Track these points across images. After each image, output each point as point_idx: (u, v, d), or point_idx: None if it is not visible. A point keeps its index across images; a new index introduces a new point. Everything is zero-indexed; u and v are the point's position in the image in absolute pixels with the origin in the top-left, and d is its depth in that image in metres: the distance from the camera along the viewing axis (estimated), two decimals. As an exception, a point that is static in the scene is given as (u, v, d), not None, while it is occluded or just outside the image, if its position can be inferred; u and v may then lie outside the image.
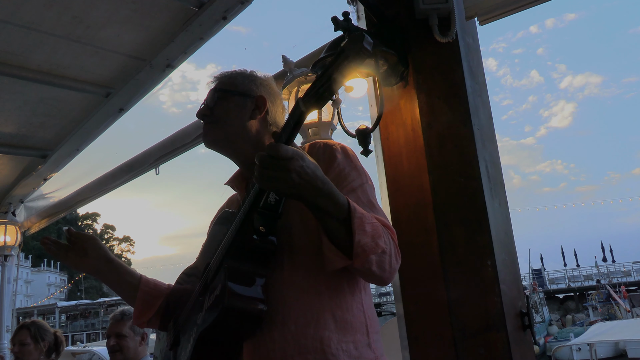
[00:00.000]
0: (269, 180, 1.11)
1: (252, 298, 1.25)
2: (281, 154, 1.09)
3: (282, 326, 1.27)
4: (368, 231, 1.21)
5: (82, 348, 17.06)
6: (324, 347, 1.25)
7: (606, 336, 13.90)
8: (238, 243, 1.29)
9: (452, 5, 2.02)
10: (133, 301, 1.65)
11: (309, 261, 1.32)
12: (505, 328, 1.87)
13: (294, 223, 1.34)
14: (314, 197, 1.15)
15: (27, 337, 3.42)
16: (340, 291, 1.33)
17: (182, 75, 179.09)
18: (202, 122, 1.53)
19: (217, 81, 1.57)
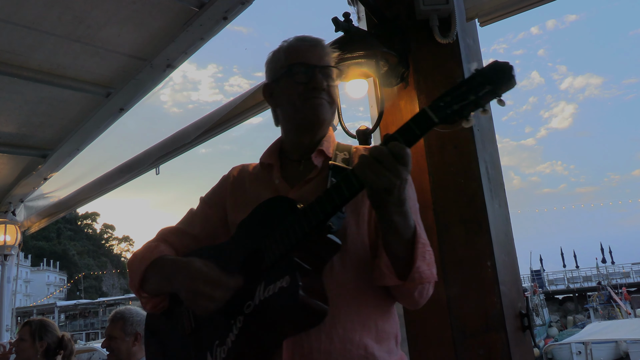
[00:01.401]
0: (376, 175, 1.09)
1: (319, 296, 1.21)
2: (406, 159, 1.10)
3: (330, 328, 1.24)
4: (427, 259, 1.24)
5: (83, 346, 16.99)
6: (367, 355, 1.25)
7: (602, 335, 13.84)
8: (310, 237, 1.22)
9: (452, 7, 2.03)
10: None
11: (358, 265, 1.30)
12: (504, 329, 1.87)
13: (350, 225, 1.32)
14: (395, 211, 1.16)
15: (26, 333, 3.39)
16: (383, 300, 1.34)
17: (183, 75, 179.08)
18: (312, 94, 1.39)
19: (332, 59, 1.46)
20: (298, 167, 1.44)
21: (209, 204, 1.56)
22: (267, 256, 1.27)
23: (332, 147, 1.44)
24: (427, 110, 1.10)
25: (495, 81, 1.06)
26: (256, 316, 1.23)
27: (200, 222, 1.54)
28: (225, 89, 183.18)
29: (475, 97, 1.06)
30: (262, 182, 1.47)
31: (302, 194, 1.35)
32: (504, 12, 2.24)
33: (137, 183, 6.17)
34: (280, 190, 1.40)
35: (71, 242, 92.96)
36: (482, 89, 1.06)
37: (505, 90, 1.06)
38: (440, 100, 1.10)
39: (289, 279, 1.19)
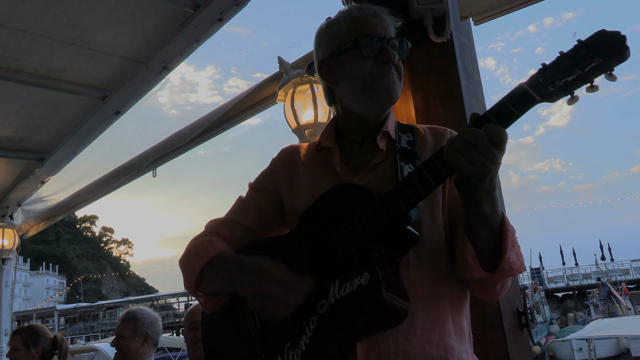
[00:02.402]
0: (470, 161, 0.99)
1: (401, 293, 1.10)
2: (503, 144, 1.00)
3: (408, 328, 1.15)
4: (516, 248, 1.14)
5: (83, 345, 16.89)
6: (447, 355, 1.17)
7: (604, 332, 13.85)
8: (389, 230, 1.12)
9: (446, 6, 2.03)
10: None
11: (434, 258, 1.21)
12: (502, 327, 1.87)
13: (424, 215, 1.21)
14: (484, 199, 1.06)
15: (19, 342, 3.34)
16: (459, 296, 1.25)
17: (181, 77, 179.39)
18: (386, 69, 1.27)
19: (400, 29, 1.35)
20: (359, 150, 1.32)
21: (260, 191, 1.42)
22: (340, 250, 1.16)
23: (394, 129, 1.33)
24: (526, 88, 1.00)
25: (605, 53, 0.95)
26: (332, 316, 1.12)
27: (252, 212, 1.40)
28: (224, 90, 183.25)
29: (582, 72, 0.96)
30: (320, 168, 1.34)
31: (369, 181, 1.24)
32: (498, 10, 2.24)
33: (135, 185, 6.18)
34: (343, 177, 1.28)
35: (70, 245, 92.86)
36: (589, 63, 0.96)
37: (617, 63, 0.95)
38: (540, 76, 1.00)
39: (369, 276, 1.08)
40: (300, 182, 1.36)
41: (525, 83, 1.01)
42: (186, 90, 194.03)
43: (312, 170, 1.35)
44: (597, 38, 0.96)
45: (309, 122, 2.69)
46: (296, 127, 2.72)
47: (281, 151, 1.46)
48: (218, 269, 1.28)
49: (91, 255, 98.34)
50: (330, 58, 1.33)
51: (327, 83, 1.37)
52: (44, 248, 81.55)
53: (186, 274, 1.34)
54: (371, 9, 1.32)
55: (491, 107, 1.04)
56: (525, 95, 1.00)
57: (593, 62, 0.95)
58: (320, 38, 1.37)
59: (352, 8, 1.34)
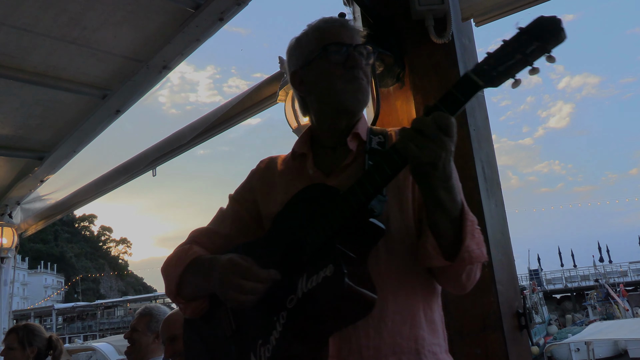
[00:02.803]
0: (420, 148, 1.03)
1: (367, 284, 1.13)
2: (450, 129, 1.04)
3: (378, 321, 1.18)
4: (476, 237, 1.17)
5: (81, 345, 16.81)
6: (418, 347, 1.19)
7: (603, 335, 13.87)
8: (352, 223, 1.15)
9: (448, 7, 2.03)
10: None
11: (404, 252, 1.24)
12: (501, 328, 1.87)
13: (393, 210, 1.25)
14: (440, 186, 1.10)
15: (14, 341, 3.31)
16: (430, 289, 1.27)
17: (181, 77, 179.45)
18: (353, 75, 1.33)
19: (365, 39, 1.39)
20: (332, 154, 1.38)
21: (238, 201, 1.49)
22: (308, 246, 1.20)
23: (365, 131, 1.38)
24: (470, 75, 1.05)
25: (543, 36, 1.00)
26: (300, 310, 1.15)
27: (231, 221, 1.47)
28: (224, 90, 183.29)
29: (523, 55, 1.02)
30: (294, 174, 1.40)
31: (340, 182, 1.28)
32: (500, 12, 2.24)
33: (135, 185, 6.18)
34: (315, 180, 1.33)
35: (68, 244, 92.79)
36: (529, 46, 1.01)
37: (554, 45, 1.00)
38: (485, 63, 1.05)
39: (333, 268, 1.11)
40: (275, 189, 1.41)
41: (470, 70, 1.06)
42: (186, 89, 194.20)
43: (287, 177, 1.41)
44: (535, 24, 1.02)
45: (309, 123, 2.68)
46: (297, 127, 2.71)
47: (259, 162, 1.53)
48: (195, 271, 1.34)
49: (89, 255, 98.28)
50: (301, 69, 1.40)
51: (300, 93, 1.45)
52: (42, 247, 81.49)
53: (167, 280, 1.41)
54: (337, 21, 1.40)
55: (442, 95, 1.09)
56: (470, 81, 1.05)
57: (532, 45, 1.01)
58: (291, 52, 1.45)
59: (319, 21, 1.41)
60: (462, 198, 1.19)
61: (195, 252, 1.38)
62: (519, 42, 1.02)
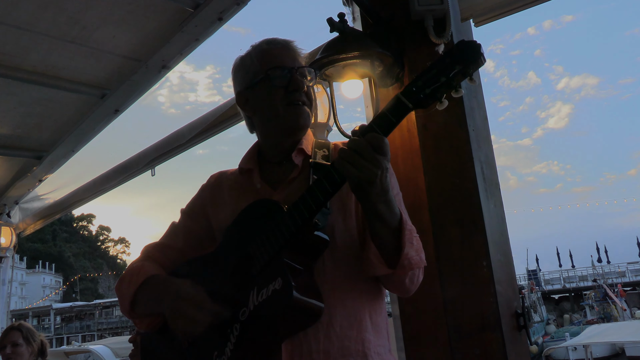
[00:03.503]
0: (356, 167, 1.09)
1: (314, 294, 1.21)
2: (385, 149, 1.10)
3: (327, 327, 1.24)
4: (415, 245, 1.24)
5: (78, 347, 16.77)
6: (365, 349, 1.26)
7: (601, 337, 13.91)
8: (297, 237, 1.21)
9: (447, 7, 2.03)
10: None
11: (349, 261, 1.30)
12: (500, 328, 1.87)
13: (337, 222, 1.32)
14: (378, 201, 1.15)
15: (19, 337, 3.44)
16: (375, 294, 1.34)
17: (180, 76, 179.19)
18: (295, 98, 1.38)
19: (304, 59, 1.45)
20: (279, 169, 1.43)
21: (190, 215, 1.54)
22: (257, 260, 1.26)
23: (310, 145, 1.43)
24: (400, 97, 1.11)
25: (463, 60, 1.07)
26: (252, 322, 1.22)
27: (183, 235, 1.52)
28: (223, 90, 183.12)
29: (447, 79, 1.08)
30: (242, 188, 1.45)
31: (287, 196, 1.34)
32: (499, 12, 2.25)
33: (133, 184, 6.18)
34: (262, 194, 1.39)
35: (67, 244, 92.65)
36: (452, 70, 1.08)
37: (474, 69, 1.08)
38: (413, 85, 1.11)
39: (281, 281, 1.18)
40: (225, 203, 1.46)
41: (400, 93, 1.12)
42: (185, 89, 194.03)
43: (235, 192, 1.46)
44: (457, 47, 1.09)
45: (309, 122, 2.68)
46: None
47: (209, 177, 1.58)
48: (148, 292, 1.39)
49: (88, 254, 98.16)
50: (246, 90, 1.46)
51: (245, 113, 1.50)
52: (40, 246, 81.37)
53: (121, 299, 1.45)
54: (279, 42, 1.44)
55: (374, 117, 1.15)
56: (400, 104, 1.11)
57: (455, 69, 1.08)
58: (236, 72, 1.50)
59: (262, 42, 1.46)
60: (400, 208, 1.26)
61: (146, 272, 1.42)
62: (442, 65, 1.09)
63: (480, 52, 1.07)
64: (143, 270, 1.43)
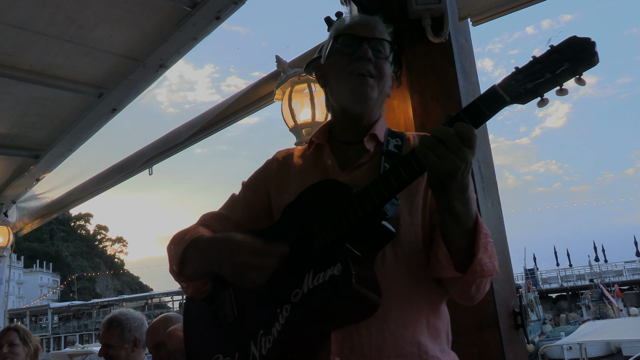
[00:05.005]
0: (440, 158, 1.02)
1: (372, 285, 1.13)
2: (473, 142, 1.03)
3: (381, 322, 1.17)
4: (489, 250, 1.16)
5: (81, 349, 16.78)
6: (420, 353, 1.18)
7: (595, 335, 13.91)
8: (363, 224, 1.14)
9: (445, 6, 2.03)
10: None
11: (411, 257, 1.23)
12: (498, 327, 1.87)
13: (403, 214, 1.24)
14: (456, 197, 1.09)
15: (16, 337, 3.48)
16: (435, 296, 1.26)
17: (179, 76, 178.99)
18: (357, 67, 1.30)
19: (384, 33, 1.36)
20: (348, 151, 1.36)
21: (250, 189, 1.48)
22: (317, 242, 1.19)
23: (384, 133, 1.37)
24: (497, 89, 1.03)
25: (573, 58, 0.98)
26: (304, 305, 1.15)
27: (242, 208, 1.46)
28: (222, 89, 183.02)
29: (552, 76, 1.00)
30: (311, 164, 1.40)
31: (353, 179, 1.27)
32: (496, 11, 2.25)
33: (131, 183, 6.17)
34: (331, 172, 1.33)
35: (64, 243, 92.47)
36: (559, 67, 0.99)
37: (585, 69, 0.98)
38: (513, 78, 1.03)
39: (341, 267, 1.10)
40: (289, 180, 1.40)
41: (497, 84, 1.04)
42: (184, 88, 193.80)
43: (302, 168, 1.40)
44: (568, 44, 0.99)
45: (307, 121, 2.69)
46: (293, 126, 2.71)
47: (277, 153, 1.52)
48: (196, 250, 1.33)
49: (85, 254, 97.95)
50: (322, 63, 1.43)
51: (321, 87, 1.45)
52: (37, 246, 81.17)
53: (170, 258, 1.40)
54: (363, 16, 1.39)
55: (464, 107, 1.07)
56: (496, 96, 1.03)
57: (563, 66, 0.98)
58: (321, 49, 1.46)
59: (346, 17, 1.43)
60: (476, 210, 1.17)
61: (199, 232, 1.37)
62: (549, 61, 1.00)
63: (594, 51, 0.97)
64: (194, 232, 1.37)
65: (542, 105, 1.02)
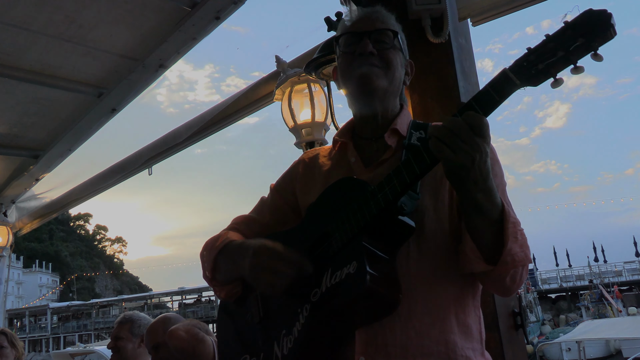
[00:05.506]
0: (451, 149, 0.99)
1: (390, 283, 1.11)
2: (484, 130, 0.99)
3: (405, 321, 1.15)
4: (519, 239, 1.11)
5: (83, 349, 16.77)
6: (448, 352, 1.15)
7: (593, 334, 13.87)
8: (378, 220, 1.12)
9: (444, 6, 2.03)
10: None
11: (437, 253, 1.19)
12: (497, 328, 1.87)
13: (427, 209, 1.21)
14: (476, 189, 1.04)
15: (4, 340, 3.57)
16: (464, 291, 1.22)
17: (179, 76, 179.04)
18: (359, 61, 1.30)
19: (388, 23, 1.35)
20: (371, 147, 1.35)
21: (278, 191, 1.50)
22: (334, 241, 1.18)
23: (407, 126, 1.33)
24: (507, 72, 0.99)
25: (588, 32, 0.92)
26: (322, 305, 1.14)
27: (269, 210, 1.49)
28: (222, 89, 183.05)
29: (565, 53, 0.94)
30: (335, 162, 1.40)
31: (376, 175, 1.25)
32: (496, 12, 2.24)
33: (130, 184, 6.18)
34: (355, 169, 1.32)
35: (63, 243, 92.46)
36: (573, 43, 0.93)
37: (601, 43, 0.92)
38: (524, 59, 0.98)
39: (356, 265, 1.09)
40: (315, 180, 1.40)
41: (508, 67, 1.00)
42: (184, 88, 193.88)
43: (328, 167, 1.40)
44: (583, 18, 0.93)
45: (306, 122, 2.68)
46: (293, 126, 2.71)
47: (304, 154, 1.54)
48: (226, 254, 1.36)
49: (85, 254, 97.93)
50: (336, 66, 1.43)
51: (338, 89, 1.45)
52: (37, 246, 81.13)
53: (203, 264, 1.44)
54: (363, 10, 1.38)
55: (476, 93, 1.04)
56: (506, 79, 1.00)
57: (577, 42, 0.93)
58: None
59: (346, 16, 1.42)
60: (504, 199, 1.14)
61: (228, 238, 1.39)
62: (563, 38, 0.95)
63: (610, 22, 0.91)
64: (225, 237, 1.40)
65: (556, 86, 0.97)
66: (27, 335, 45.60)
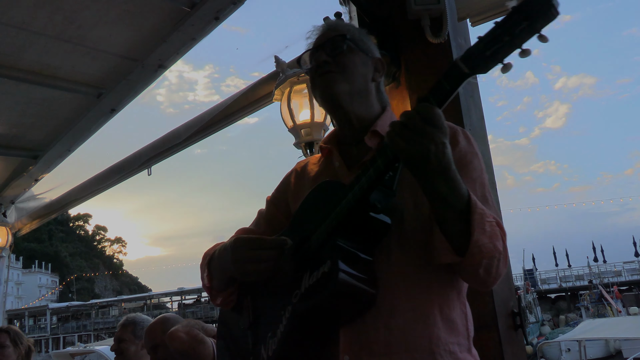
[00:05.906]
0: (406, 141, 1.01)
1: (365, 279, 1.13)
2: (435, 120, 1.01)
3: (388, 317, 1.16)
4: (487, 230, 1.11)
5: (83, 348, 16.76)
6: (432, 346, 1.15)
7: (595, 333, 13.86)
8: (351, 219, 1.15)
9: (444, 6, 2.03)
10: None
11: (419, 249, 1.20)
12: (496, 328, 1.87)
13: (407, 206, 1.22)
14: (437, 179, 1.06)
15: (6, 339, 3.47)
16: (448, 286, 1.23)
17: (179, 76, 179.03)
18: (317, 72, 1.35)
19: (338, 29, 1.39)
20: (353, 151, 1.38)
21: (273, 202, 1.55)
22: (313, 242, 1.23)
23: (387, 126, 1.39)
24: (457, 62, 1.01)
25: (532, 15, 0.93)
26: (301, 305, 1.18)
27: (265, 222, 1.54)
28: (222, 89, 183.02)
29: (510, 38, 0.96)
30: (323, 167, 1.44)
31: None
32: (496, 12, 2.24)
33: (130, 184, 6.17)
34: (339, 173, 1.35)
35: (63, 243, 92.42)
36: (518, 26, 0.95)
37: (544, 24, 0.93)
38: (474, 48, 1.00)
39: (330, 263, 1.12)
40: (304, 187, 1.44)
41: (459, 57, 1.02)
42: (184, 88, 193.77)
43: (315, 174, 1.45)
44: (526, 1, 0.95)
45: (305, 122, 2.68)
46: (292, 126, 2.71)
47: (296, 164, 1.58)
48: (216, 260, 1.41)
49: (84, 254, 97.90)
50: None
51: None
52: (36, 246, 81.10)
53: (201, 273, 1.48)
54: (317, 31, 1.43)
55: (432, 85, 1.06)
56: (455, 68, 1.02)
57: (521, 24, 0.94)
58: None
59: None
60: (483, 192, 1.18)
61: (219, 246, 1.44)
62: (510, 23, 0.96)
63: (550, 2, 0.92)
64: (218, 245, 1.45)
65: (506, 71, 0.99)
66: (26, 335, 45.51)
